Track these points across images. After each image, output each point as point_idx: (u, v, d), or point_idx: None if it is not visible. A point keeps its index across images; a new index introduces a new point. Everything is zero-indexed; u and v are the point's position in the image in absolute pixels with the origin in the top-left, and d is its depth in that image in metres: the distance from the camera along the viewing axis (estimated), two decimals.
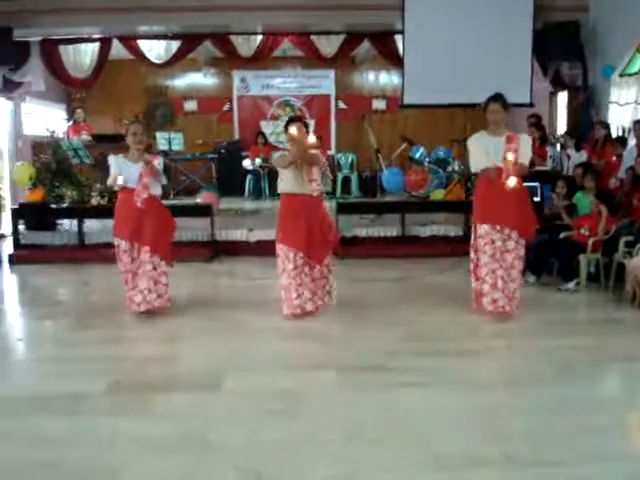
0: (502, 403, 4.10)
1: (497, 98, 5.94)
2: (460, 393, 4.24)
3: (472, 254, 6.14)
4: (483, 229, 5.95)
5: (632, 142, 8.44)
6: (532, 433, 3.65)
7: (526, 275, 7.16)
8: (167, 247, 6.29)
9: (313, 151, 6.02)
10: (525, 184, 6.35)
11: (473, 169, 6.17)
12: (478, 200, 6.12)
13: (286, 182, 6.05)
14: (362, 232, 9.38)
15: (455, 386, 4.35)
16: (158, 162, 6.26)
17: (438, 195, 10.82)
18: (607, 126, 9.28)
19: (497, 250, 5.88)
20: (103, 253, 8.67)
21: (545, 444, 3.51)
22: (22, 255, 9.06)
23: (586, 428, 3.73)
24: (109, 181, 6.24)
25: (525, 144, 5.96)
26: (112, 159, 6.24)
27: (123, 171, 6.13)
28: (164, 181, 6.38)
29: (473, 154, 6.08)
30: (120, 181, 6.09)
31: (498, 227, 5.88)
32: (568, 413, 3.91)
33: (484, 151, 5.91)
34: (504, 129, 5.95)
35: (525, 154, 5.92)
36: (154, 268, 6.14)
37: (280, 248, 6.03)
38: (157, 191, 6.27)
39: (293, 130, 5.96)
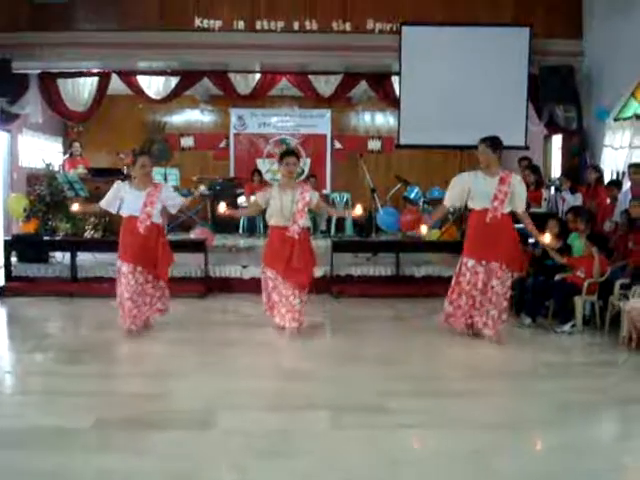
0: (499, 445, 4.02)
1: (484, 139, 6.26)
2: (456, 435, 4.16)
3: (453, 281, 6.46)
4: (470, 262, 6.27)
5: (627, 185, 8.47)
6: (530, 476, 3.58)
7: (522, 317, 7.17)
8: (163, 273, 6.70)
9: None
10: (518, 225, 6.55)
11: (445, 202, 6.58)
12: (468, 236, 6.47)
13: (271, 215, 6.57)
14: (357, 271, 9.35)
15: (451, 428, 4.27)
16: (166, 190, 6.76)
17: (433, 235, 10.81)
18: (599, 169, 9.35)
19: (480, 282, 6.22)
20: (95, 287, 8.67)
21: None
22: (14, 287, 8.97)
23: (583, 471, 3.67)
24: (101, 202, 6.65)
25: (519, 186, 6.29)
26: (115, 187, 6.60)
27: (127, 198, 6.48)
28: (178, 203, 6.85)
29: (451, 189, 6.45)
30: (104, 206, 6.60)
31: (483, 262, 6.21)
32: (566, 456, 3.84)
33: (461, 190, 6.31)
34: (498, 169, 6.14)
35: (520, 195, 6.26)
36: (156, 293, 6.70)
37: (264, 271, 6.62)
38: (159, 220, 6.63)
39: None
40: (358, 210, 6.60)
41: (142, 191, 6.49)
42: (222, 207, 6.66)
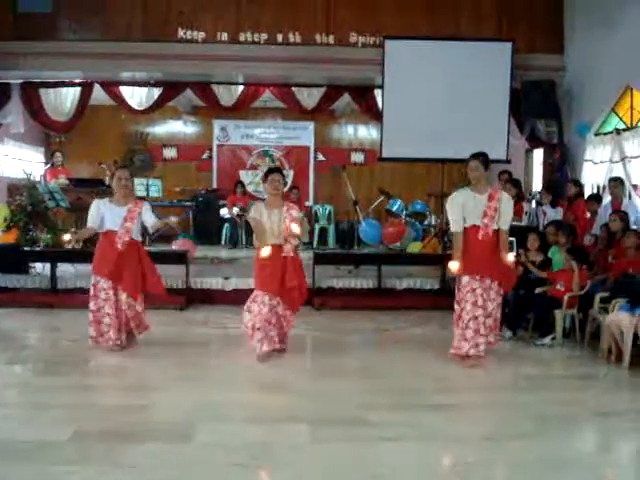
0: (480, 458, 4.02)
1: (477, 155, 6.18)
2: (436, 448, 4.16)
3: (456, 306, 6.25)
4: (464, 279, 6.13)
5: (607, 199, 8.55)
6: None
7: (502, 330, 7.18)
8: (159, 289, 6.66)
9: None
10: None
11: (452, 228, 6.34)
12: (464, 253, 6.25)
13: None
14: (338, 283, 9.35)
15: (431, 441, 4.27)
16: (146, 207, 6.56)
17: (415, 248, 10.84)
18: (579, 184, 9.43)
19: (479, 298, 6.06)
20: (75, 298, 8.60)
21: None
22: None
23: None
24: (88, 224, 6.49)
25: (507, 203, 6.23)
26: (94, 204, 6.49)
27: (106, 214, 6.38)
28: (153, 222, 6.62)
29: (451, 215, 6.29)
30: (93, 224, 6.44)
31: (478, 277, 6.08)
32: (545, 468, 3.84)
33: (460, 210, 6.16)
34: (486, 186, 6.15)
35: (507, 213, 6.19)
36: (132, 311, 6.46)
37: (257, 294, 6.17)
38: (138, 237, 6.54)
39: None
40: (294, 228, 6.17)
41: (122, 207, 6.42)
42: (266, 251, 6.16)
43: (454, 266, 6.12)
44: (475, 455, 4.05)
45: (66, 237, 6.70)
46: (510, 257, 6.28)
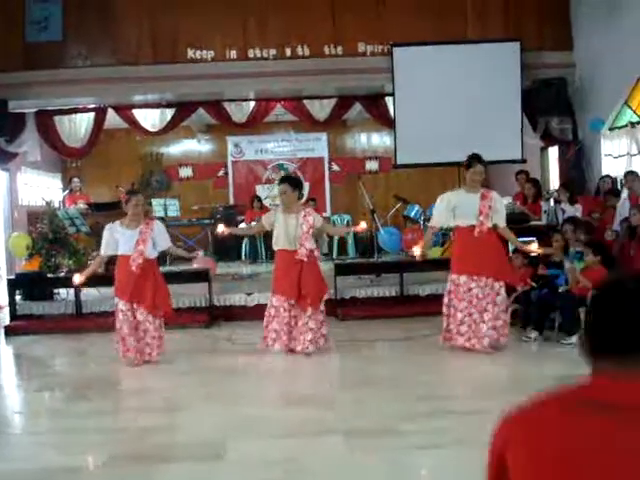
0: None
1: (479, 157, 6.36)
2: (471, 455, 4.11)
3: (446, 299, 6.56)
4: (461, 280, 6.38)
5: (624, 194, 8.49)
6: None
7: (528, 331, 7.15)
8: (166, 306, 6.75)
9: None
10: (521, 239, 6.69)
11: (432, 223, 6.87)
12: (455, 253, 6.66)
13: (277, 240, 6.62)
14: (361, 293, 9.34)
15: (465, 447, 4.23)
16: (158, 227, 6.73)
17: (435, 253, 10.81)
18: (613, 180, 9.36)
19: (474, 297, 6.33)
20: (101, 322, 8.66)
21: None
22: (19, 326, 8.97)
23: None
24: (101, 251, 6.77)
25: (499, 203, 6.57)
26: (106, 231, 6.67)
27: (120, 238, 6.51)
28: (167, 245, 6.87)
29: (436, 210, 6.68)
30: (106, 252, 6.69)
31: (475, 277, 6.31)
32: None
33: (447, 210, 6.49)
34: (479, 187, 6.34)
35: (500, 211, 6.52)
36: (154, 328, 6.61)
37: (273, 298, 6.62)
38: (152, 255, 6.64)
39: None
40: (362, 225, 6.84)
41: (134, 230, 6.54)
42: (220, 227, 6.87)
43: (416, 251, 6.66)
44: None
45: (76, 279, 6.89)
46: (534, 246, 6.48)
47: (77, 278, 6.88)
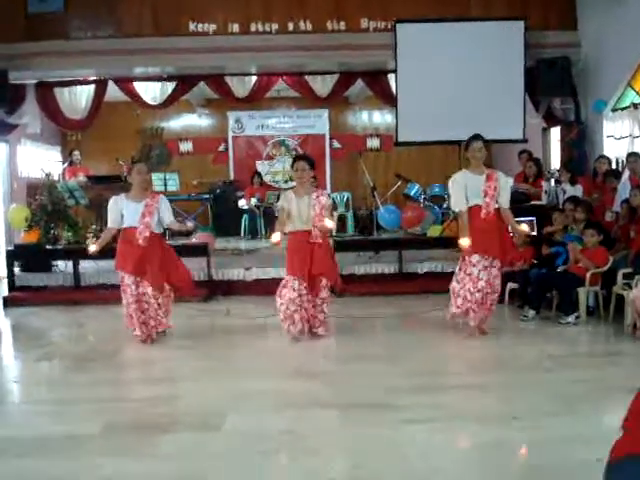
0: (509, 437, 4.02)
1: (478, 137, 6.29)
2: (466, 428, 4.18)
3: (455, 284, 6.46)
4: (475, 258, 6.28)
5: (625, 175, 8.47)
6: (539, 467, 3.59)
7: (525, 310, 7.17)
8: (187, 282, 6.77)
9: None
10: (521, 218, 6.69)
11: (453, 207, 6.67)
12: (470, 232, 6.35)
13: (291, 222, 6.43)
14: (359, 269, 9.36)
15: (460, 421, 4.28)
16: (164, 202, 6.58)
17: (435, 231, 10.81)
18: (609, 161, 9.34)
19: (490, 276, 6.29)
20: (99, 294, 8.69)
21: (557, 477, 3.44)
22: (17, 297, 9.00)
23: (592, 462, 3.66)
24: (109, 225, 6.55)
25: (505, 184, 6.43)
26: (112, 202, 6.50)
27: (125, 210, 6.39)
28: (170, 221, 6.64)
29: (453, 194, 6.49)
30: (114, 225, 6.47)
31: (486, 256, 6.26)
32: (577, 446, 3.83)
33: (463, 190, 6.32)
34: (483, 167, 6.28)
35: (506, 192, 6.40)
36: (158, 304, 6.46)
37: (286, 280, 6.38)
38: (158, 229, 6.53)
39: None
40: (328, 223, 6.41)
41: (139, 202, 6.39)
42: (275, 237, 6.37)
43: (465, 242, 6.26)
44: (503, 434, 4.06)
45: (91, 248, 6.64)
46: (524, 227, 6.47)
47: (92, 247, 6.65)
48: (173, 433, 4.22)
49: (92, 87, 11.65)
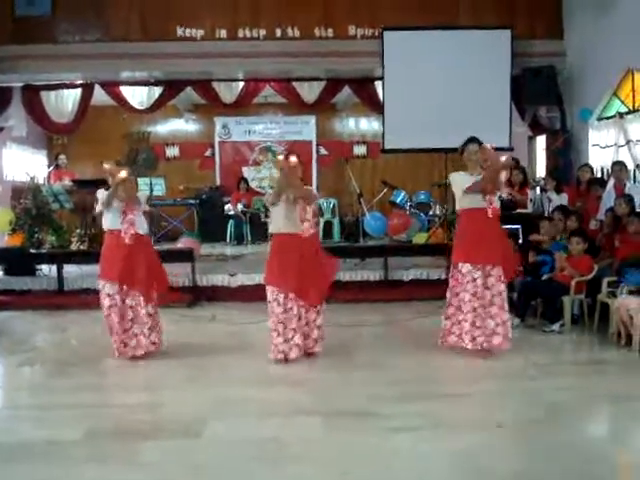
0: (491, 446, 4.02)
1: (474, 140, 6.14)
2: (449, 437, 4.16)
3: (448, 294, 6.18)
4: (465, 268, 6.02)
5: (610, 183, 8.52)
6: (523, 475, 3.59)
7: (510, 318, 7.14)
8: (162, 283, 6.42)
9: (306, 187, 6.08)
10: (506, 226, 6.54)
11: (459, 206, 6.21)
12: (459, 239, 6.22)
13: (277, 222, 6.00)
14: (345, 276, 9.32)
15: (443, 430, 4.27)
16: (144, 198, 6.38)
17: (420, 239, 10.83)
18: (592, 169, 9.38)
19: (479, 288, 5.96)
20: (82, 299, 8.62)
21: None
22: (0, 301, 8.90)
23: (575, 470, 3.67)
24: (98, 207, 6.24)
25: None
26: (100, 193, 6.26)
27: (105, 212, 6.17)
28: (142, 205, 6.31)
29: (455, 184, 6.21)
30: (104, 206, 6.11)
31: (479, 265, 5.97)
32: (558, 455, 3.84)
33: (465, 182, 6.06)
34: (480, 170, 6.09)
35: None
36: (148, 313, 6.18)
37: (269, 290, 5.93)
38: (144, 230, 6.29)
39: (287, 159, 5.95)
40: (292, 159, 6.01)
41: (119, 202, 6.12)
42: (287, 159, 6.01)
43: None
44: (488, 443, 4.06)
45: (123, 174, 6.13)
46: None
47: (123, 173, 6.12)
48: (155, 440, 4.18)
49: (79, 91, 11.62)
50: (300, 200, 5.93)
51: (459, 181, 6.13)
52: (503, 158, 6.04)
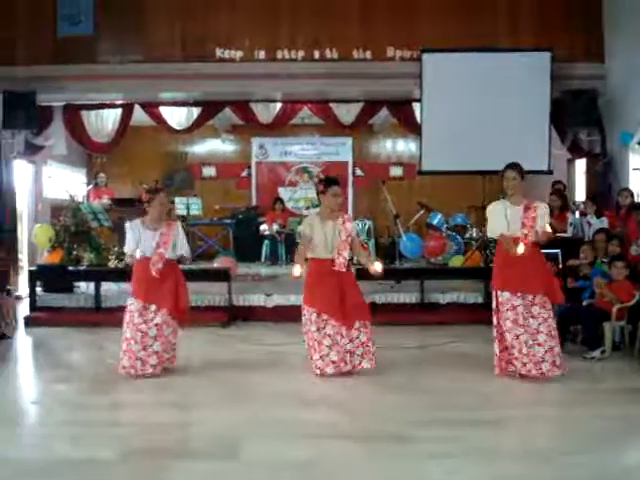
0: (529, 474, 3.93)
1: (513, 166, 6.04)
2: (485, 464, 4.08)
3: (494, 320, 6.10)
4: (504, 296, 5.97)
5: None
6: None
7: None
8: (184, 310, 6.33)
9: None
10: (545, 251, 6.42)
11: (489, 234, 6.31)
12: (498, 267, 6.16)
13: (315, 248, 6.13)
14: (381, 298, 9.27)
15: (480, 457, 4.19)
16: (179, 230, 6.36)
17: (457, 261, 10.74)
18: (632, 194, 9.23)
19: (520, 315, 5.87)
20: (119, 317, 8.66)
21: None
22: (38, 317, 9.01)
23: None
24: (127, 259, 6.43)
25: (543, 212, 6.04)
26: (128, 227, 6.28)
27: (141, 238, 6.18)
28: (185, 251, 6.38)
29: (491, 220, 6.17)
30: (138, 254, 6.17)
31: (519, 294, 5.89)
32: None
33: (502, 218, 6.00)
34: (522, 198, 6.00)
35: (542, 220, 6.00)
36: (172, 331, 6.24)
37: (305, 309, 6.10)
38: (172, 255, 6.27)
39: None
40: (378, 267, 6.24)
41: (155, 231, 6.16)
42: (296, 271, 6.07)
43: (521, 249, 5.84)
44: (523, 471, 3.97)
45: (137, 254, 6.17)
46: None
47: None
48: (189, 460, 4.17)
49: (119, 111, 11.78)
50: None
51: (494, 215, 6.11)
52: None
